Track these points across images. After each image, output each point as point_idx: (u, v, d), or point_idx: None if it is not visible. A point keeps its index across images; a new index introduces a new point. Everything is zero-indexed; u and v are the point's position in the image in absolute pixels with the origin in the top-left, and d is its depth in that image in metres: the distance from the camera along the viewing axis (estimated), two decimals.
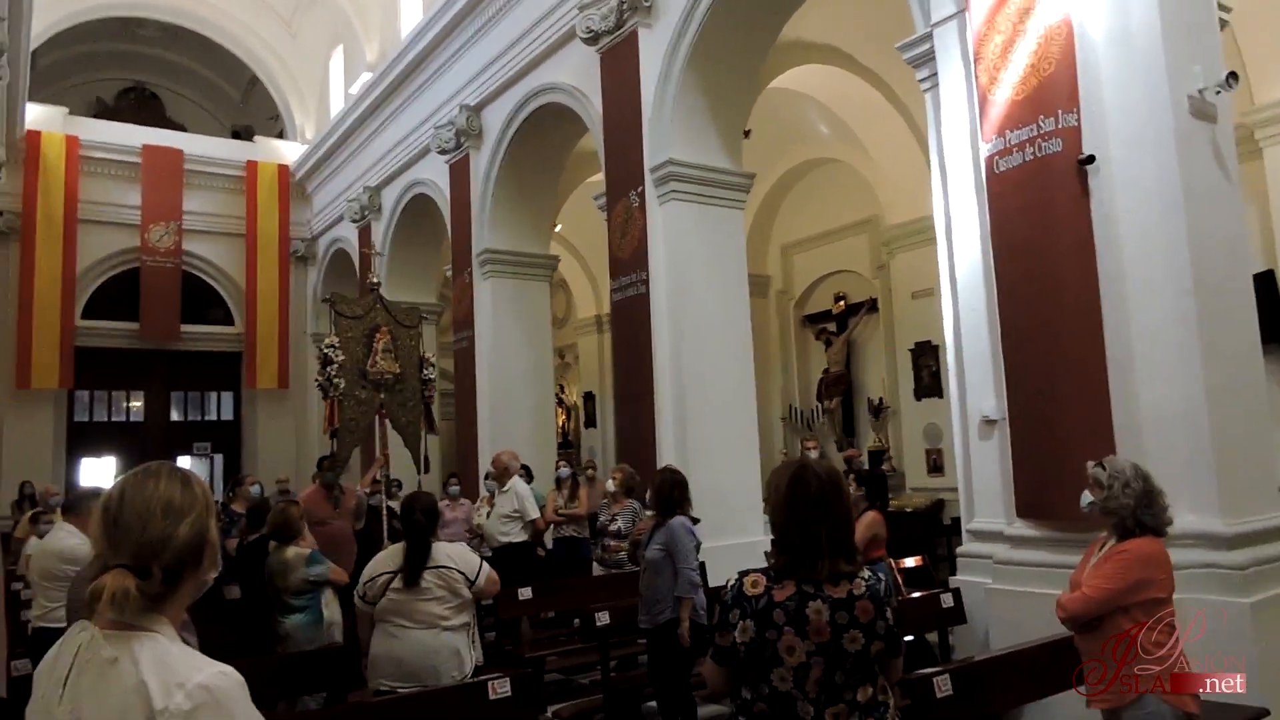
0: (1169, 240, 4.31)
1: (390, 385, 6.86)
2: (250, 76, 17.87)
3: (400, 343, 7.01)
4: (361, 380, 6.68)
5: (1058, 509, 4.54)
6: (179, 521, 1.37)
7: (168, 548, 1.35)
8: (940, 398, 10.18)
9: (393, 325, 6.98)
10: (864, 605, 2.06)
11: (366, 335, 6.78)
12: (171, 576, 1.36)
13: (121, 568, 1.32)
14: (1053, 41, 4.62)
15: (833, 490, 2.12)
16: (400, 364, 6.93)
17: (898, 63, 9.35)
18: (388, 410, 6.88)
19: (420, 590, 3.65)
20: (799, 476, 2.14)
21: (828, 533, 2.08)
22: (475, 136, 10.58)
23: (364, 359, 6.73)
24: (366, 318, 6.85)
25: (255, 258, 15.99)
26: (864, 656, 2.06)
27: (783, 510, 2.14)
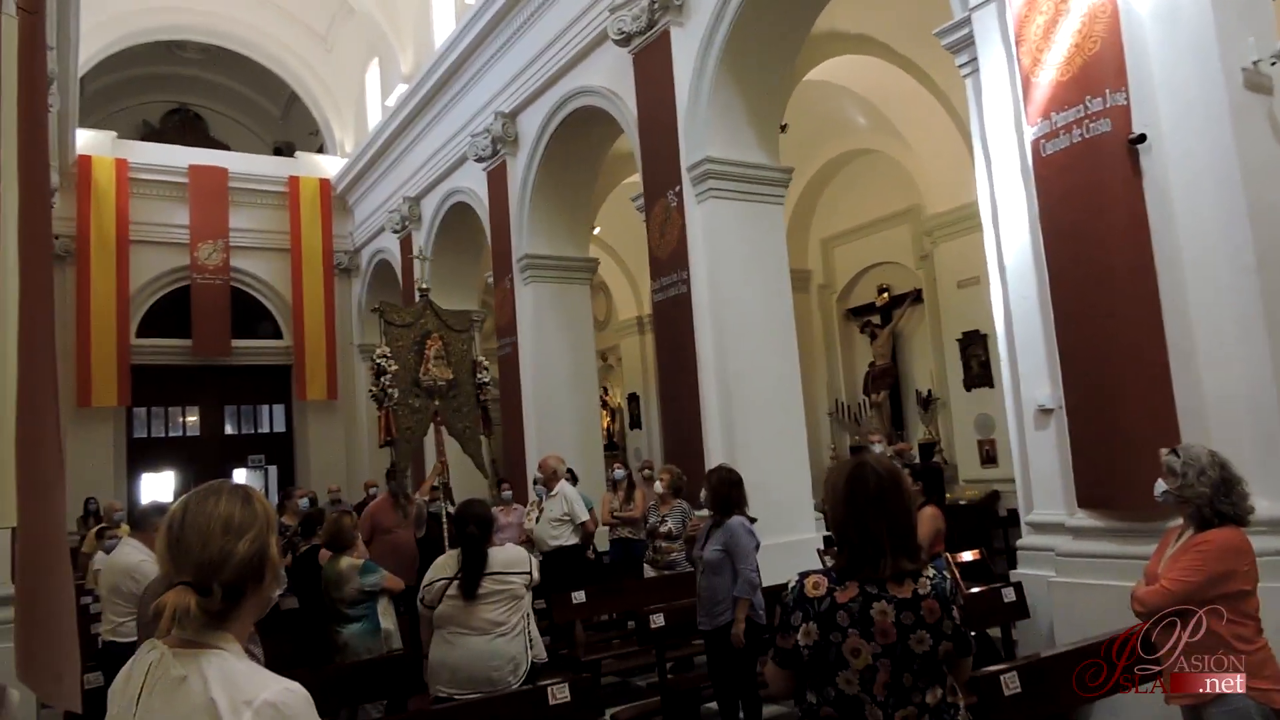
0: (1228, 217, 4.18)
1: (444, 392, 6.68)
2: (289, 93, 18.22)
3: (452, 348, 6.83)
4: (415, 388, 6.54)
5: (1121, 499, 4.43)
6: (239, 538, 1.39)
7: (228, 565, 1.37)
8: (991, 387, 10.00)
9: (443, 330, 6.81)
10: (930, 605, 2.03)
11: (417, 342, 6.62)
12: (233, 593, 1.38)
13: (183, 585, 1.35)
14: (1097, 20, 4.50)
15: (892, 486, 2.08)
16: (453, 369, 6.76)
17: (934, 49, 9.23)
18: (443, 417, 6.72)
19: (477, 598, 3.67)
20: (856, 474, 2.11)
21: (889, 530, 2.04)
22: (511, 143, 10.64)
23: (416, 366, 6.58)
24: (416, 325, 6.68)
25: (300, 271, 16.27)
26: (932, 657, 2.02)
27: (841, 509, 2.11)
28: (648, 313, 15.26)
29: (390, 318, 6.57)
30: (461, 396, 6.78)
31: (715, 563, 4.38)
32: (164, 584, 1.39)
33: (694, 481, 7.59)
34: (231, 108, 19.97)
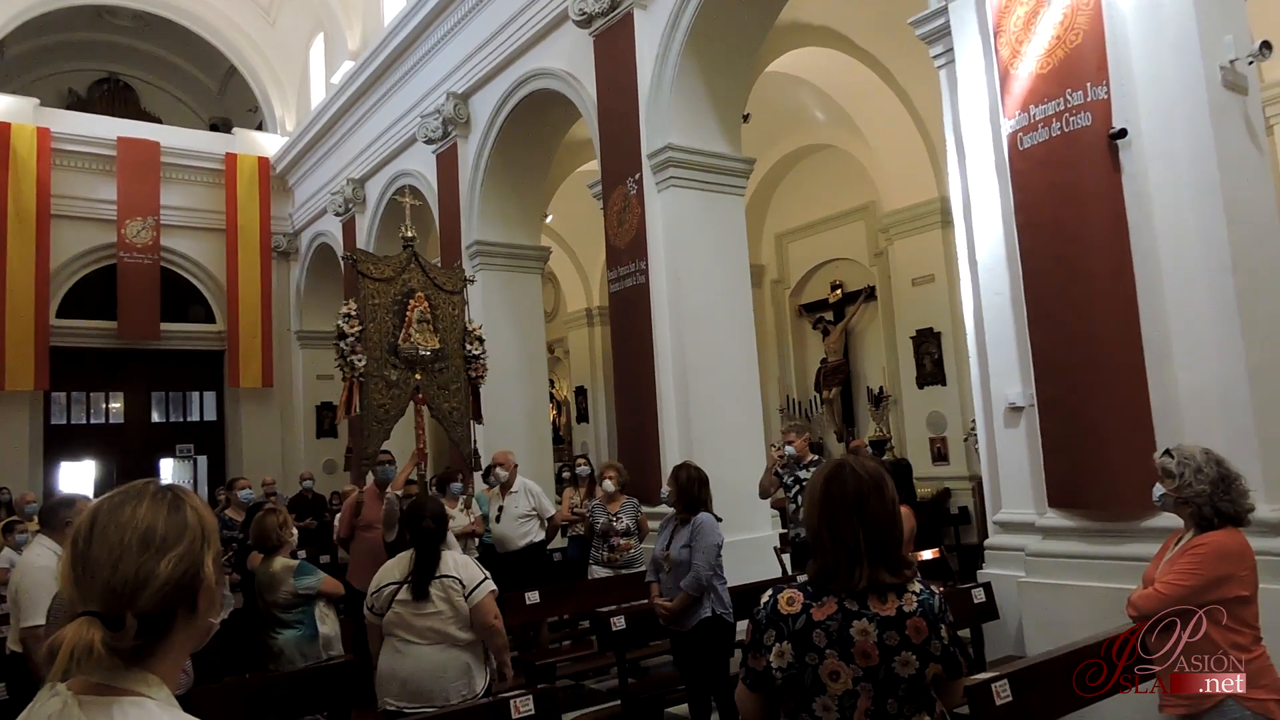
0: (1205, 216, 4.14)
1: (428, 363, 5.50)
2: (228, 67, 17.45)
3: (440, 311, 5.63)
4: (392, 357, 5.34)
5: (1093, 498, 4.38)
6: (161, 556, 1.09)
7: (145, 590, 1.07)
8: (944, 385, 10.04)
9: (430, 290, 5.60)
10: (916, 623, 1.85)
11: (398, 302, 5.42)
12: (153, 625, 1.08)
13: (88, 615, 1.05)
14: (1079, 12, 4.43)
15: (873, 490, 1.90)
16: (440, 338, 5.57)
17: (897, 45, 9.26)
18: (425, 394, 5.51)
19: (428, 603, 3.42)
20: (834, 475, 1.93)
21: (866, 538, 1.86)
22: (463, 125, 10.30)
23: (395, 331, 5.37)
24: (398, 280, 5.45)
25: (236, 253, 15.61)
26: (919, 681, 1.85)
27: (815, 513, 1.93)
28: (598, 304, 15.05)
29: (365, 269, 5.38)
30: (450, 371, 5.66)
31: (686, 562, 4.23)
32: (69, 612, 1.08)
33: (650, 476, 7.43)
34: (165, 80, 19.06)
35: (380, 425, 5.27)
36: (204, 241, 15.70)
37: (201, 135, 16.66)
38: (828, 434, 12.00)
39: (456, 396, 5.70)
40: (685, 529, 4.32)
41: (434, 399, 5.57)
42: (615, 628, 4.59)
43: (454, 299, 5.78)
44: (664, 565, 4.35)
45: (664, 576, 4.35)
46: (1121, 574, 4.05)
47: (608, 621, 4.63)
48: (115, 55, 18.19)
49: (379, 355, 5.26)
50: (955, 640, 1.91)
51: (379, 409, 5.26)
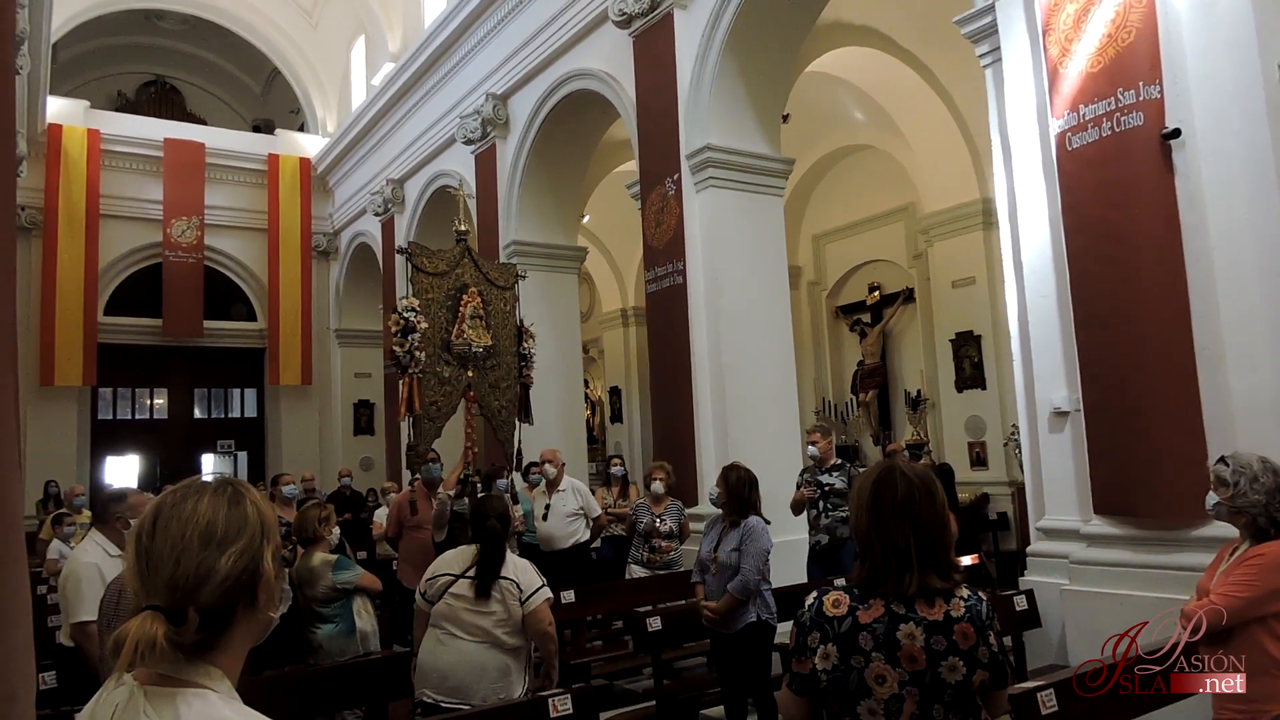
0: (1261, 217, 4.03)
1: (480, 360, 5.30)
2: (271, 69, 17.76)
3: (492, 307, 5.44)
4: (445, 353, 5.16)
5: (1141, 506, 4.29)
6: (222, 552, 1.12)
7: (206, 586, 1.10)
8: (983, 389, 9.89)
9: (483, 285, 5.41)
10: (964, 629, 1.83)
11: (451, 297, 5.25)
12: (215, 620, 1.11)
13: (152, 610, 1.07)
14: (1132, 9, 4.33)
15: (923, 494, 1.89)
16: (492, 334, 5.38)
17: (938, 45, 9.15)
18: (476, 392, 5.32)
19: (483, 601, 3.42)
20: (884, 479, 1.91)
21: (916, 542, 1.85)
22: (502, 126, 10.36)
23: (448, 327, 5.20)
24: (451, 275, 5.28)
25: (277, 252, 15.87)
26: (965, 688, 1.82)
27: (865, 517, 1.91)
28: (633, 305, 15.06)
29: (420, 263, 5.20)
30: (501, 369, 5.46)
31: (733, 565, 4.19)
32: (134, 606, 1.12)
33: (685, 477, 7.41)
34: (210, 82, 19.44)
35: (432, 423, 5.11)
36: (246, 241, 15.98)
37: (245, 136, 16.97)
38: (864, 437, 11.89)
39: (506, 395, 5.53)
40: (734, 532, 4.28)
41: (484, 397, 5.40)
42: (651, 628, 4.58)
43: (506, 295, 5.63)
44: (710, 567, 4.32)
45: (709, 578, 4.32)
46: (1170, 584, 3.96)
47: (644, 622, 4.62)
48: (162, 58, 18.59)
49: (432, 351, 5.10)
50: (1002, 649, 1.89)
51: (431, 406, 5.09)
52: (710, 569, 4.31)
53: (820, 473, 6.14)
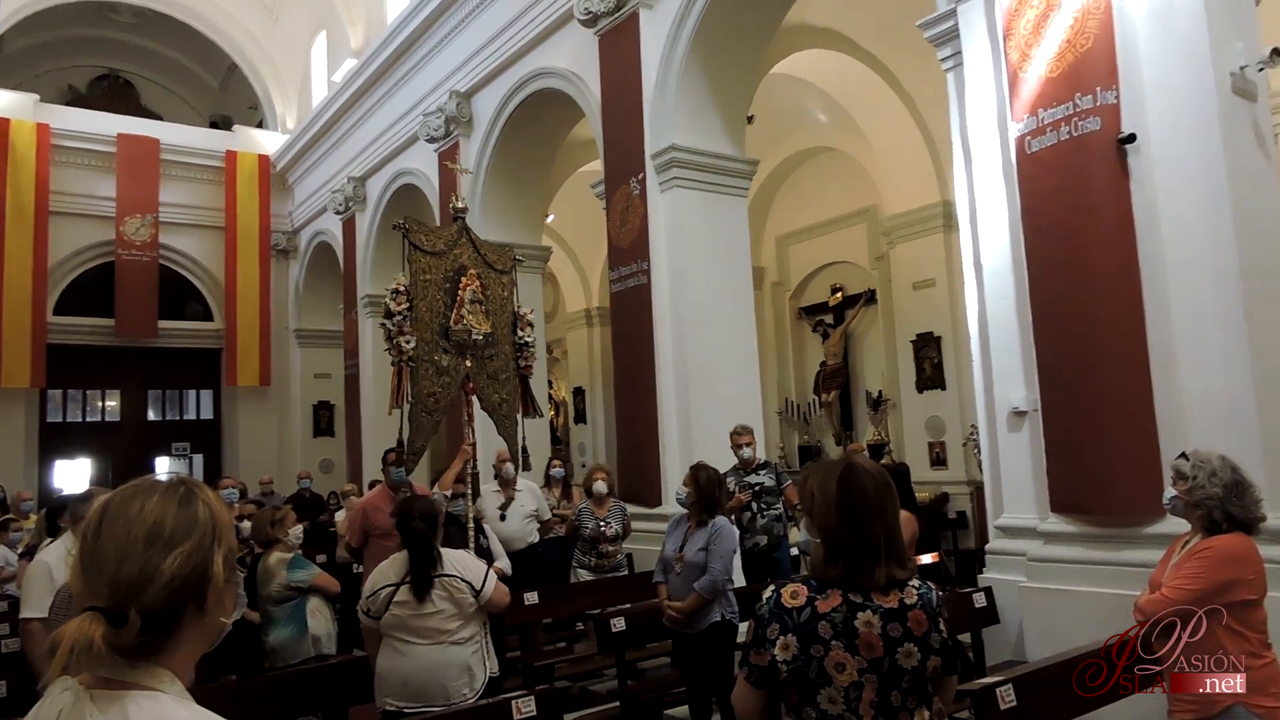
0: (1214, 223, 4.12)
1: (479, 349, 4.91)
2: (229, 64, 17.43)
3: (490, 292, 5.05)
4: (443, 340, 4.75)
5: (1097, 504, 4.36)
6: (168, 552, 1.07)
7: (150, 587, 1.05)
8: (943, 390, 10.02)
9: (482, 268, 5.02)
10: (917, 615, 1.89)
11: (449, 279, 4.84)
12: (160, 622, 1.06)
13: (92, 611, 1.03)
14: (1090, 16, 4.41)
15: (887, 488, 1.96)
16: (491, 321, 5.01)
17: (901, 49, 9.25)
18: (475, 383, 4.93)
19: (426, 603, 3.39)
20: (850, 478, 1.94)
21: (887, 536, 1.91)
22: (465, 124, 10.28)
23: (446, 311, 4.78)
24: (449, 255, 4.87)
25: (235, 251, 15.57)
26: (920, 674, 1.88)
27: (834, 514, 1.93)
28: (597, 305, 15.02)
29: (418, 240, 4.80)
30: (500, 359, 5.11)
31: (700, 565, 4.19)
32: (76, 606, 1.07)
33: (649, 478, 7.41)
34: (165, 76, 19.02)
35: (430, 416, 4.69)
36: (203, 239, 15.66)
37: (201, 132, 16.63)
38: (826, 437, 11.99)
39: (505, 387, 5.16)
40: (702, 531, 4.28)
41: (483, 389, 5.00)
42: (615, 629, 4.56)
43: (503, 279, 5.26)
44: (675, 566, 4.31)
45: (674, 578, 4.32)
46: (1124, 580, 4.03)
47: (608, 623, 4.60)
48: (116, 51, 18.15)
49: (429, 338, 4.69)
50: (951, 636, 1.95)
51: (428, 398, 4.66)
52: (675, 568, 4.30)
53: (747, 474, 6.20)
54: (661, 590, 4.37)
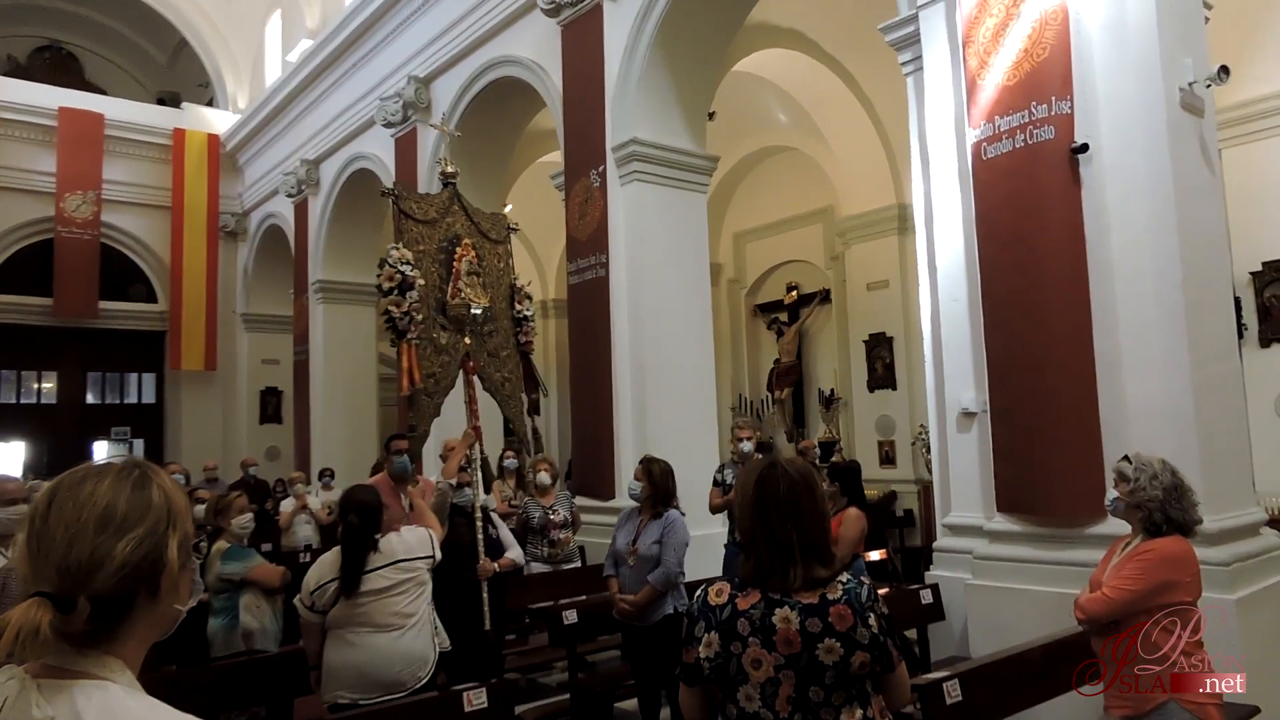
0: (1159, 233, 4.24)
1: (478, 326, 4.59)
2: (178, 39, 16.94)
3: (486, 264, 4.72)
4: (440, 316, 4.43)
5: (1041, 504, 4.47)
6: (119, 537, 1.03)
7: (100, 572, 1.01)
8: (894, 390, 10.18)
9: (476, 238, 4.70)
10: (840, 610, 1.84)
11: (444, 249, 4.51)
12: (110, 609, 1.03)
13: (40, 596, 0.99)
14: (1048, 27, 4.50)
15: (804, 489, 1.92)
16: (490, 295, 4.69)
17: (862, 52, 9.35)
18: (475, 361, 4.63)
19: (380, 591, 3.36)
20: (767, 475, 1.94)
21: (799, 537, 1.87)
22: (424, 110, 10.14)
23: (441, 284, 4.47)
24: (441, 223, 4.55)
25: (181, 232, 15.17)
26: (844, 669, 1.83)
27: (749, 514, 1.94)
28: (553, 297, 14.95)
29: (409, 207, 4.45)
30: (499, 334, 4.80)
31: (654, 558, 4.21)
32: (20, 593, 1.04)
33: (604, 471, 7.41)
34: (111, 50, 18.43)
35: (431, 399, 4.37)
36: (148, 218, 15.23)
37: (148, 109, 16.13)
38: (779, 434, 12.09)
39: (507, 365, 4.83)
40: (655, 523, 4.30)
41: (484, 367, 4.68)
42: (567, 621, 4.55)
43: (499, 249, 4.92)
44: (628, 559, 4.31)
45: (626, 570, 4.32)
46: (1066, 578, 4.13)
47: (560, 615, 4.59)
48: (58, 22, 17.54)
49: (427, 314, 4.35)
50: (888, 631, 1.89)
51: (429, 379, 4.34)
52: (628, 561, 4.31)
53: None
54: (613, 584, 4.37)
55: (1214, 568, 3.95)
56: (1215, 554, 3.96)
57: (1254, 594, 4.01)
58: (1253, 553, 4.19)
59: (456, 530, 4.40)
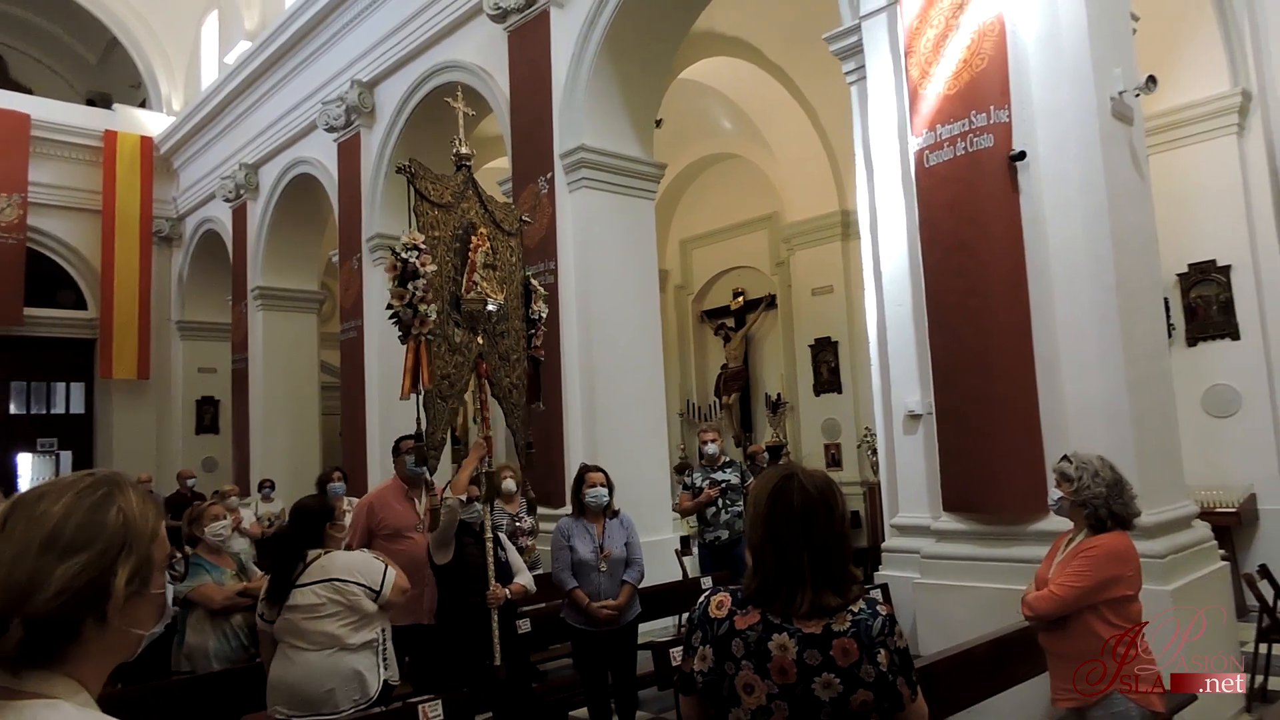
0: (1094, 238, 4.39)
1: (491, 324, 4.19)
2: (109, 39, 16.42)
3: (500, 257, 4.32)
4: (455, 313, 4.04)
5: (986, 502, 4.58)
6: (61, 561, 0.99)
7: (36, 595, 0.97)
8: (839, 393, 10.33)
9: (490, 228, 4.30)
10: (845, 644, 1.70)
11: (459, 237, 4.12)
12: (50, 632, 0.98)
13: None
14: (986, 38, 4.63)
15: (821, 506, 1.76)
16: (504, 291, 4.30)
17: (805, 61, 9.50)
18: (489, 363, 4.22)
19: (310, 608, 3.29)
20: (781, 488, 1.78)
21: (810, 558, 1.72)
22: (367, 114, 10.00)
23: (456, 277, 4.09)
24: (456, 209, 4.16)
25: (113, 237, 14.69)
26: (842, 707, 1.68)
27: (758, 529, 1.79)
28: None
29: (425, 188, 4.02)
30: (511, 336, 4.41)
31: (624, 559, 4.38)
32: None
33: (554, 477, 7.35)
34: (38, 48, 17.79)
35: (445, 403, 3.97)
36: (77, 223, 14.72)
37: (78, 110, 15.60)
38: (726, 439, 12.17)
39: (516, 370, 4.42)
40: (616, 526, 4.43)
41: (495, 370, 4.25)
42: (521, 630, 4.51)
43: (511, 242, 4.52)
44: (598, 566, 4.33)
45: (599, 576, 4.33)
46: (1010, 575, 4.24)
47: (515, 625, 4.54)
48: None
49: (442, 308, 3.93)
50: (901, 669, 1.73)
51: (443, 381, 3.94)
52: (599, 567, 4.34)
53: (713, 470, 6.37)
54: (580, 595, 4.30)
55: (1150, 560, 4.08)
56: (1151, 546, 4.10)
57: (1188, 584, 4.16)
58: (1186, 544, 4.36)
59: (465, 552, 4.05)
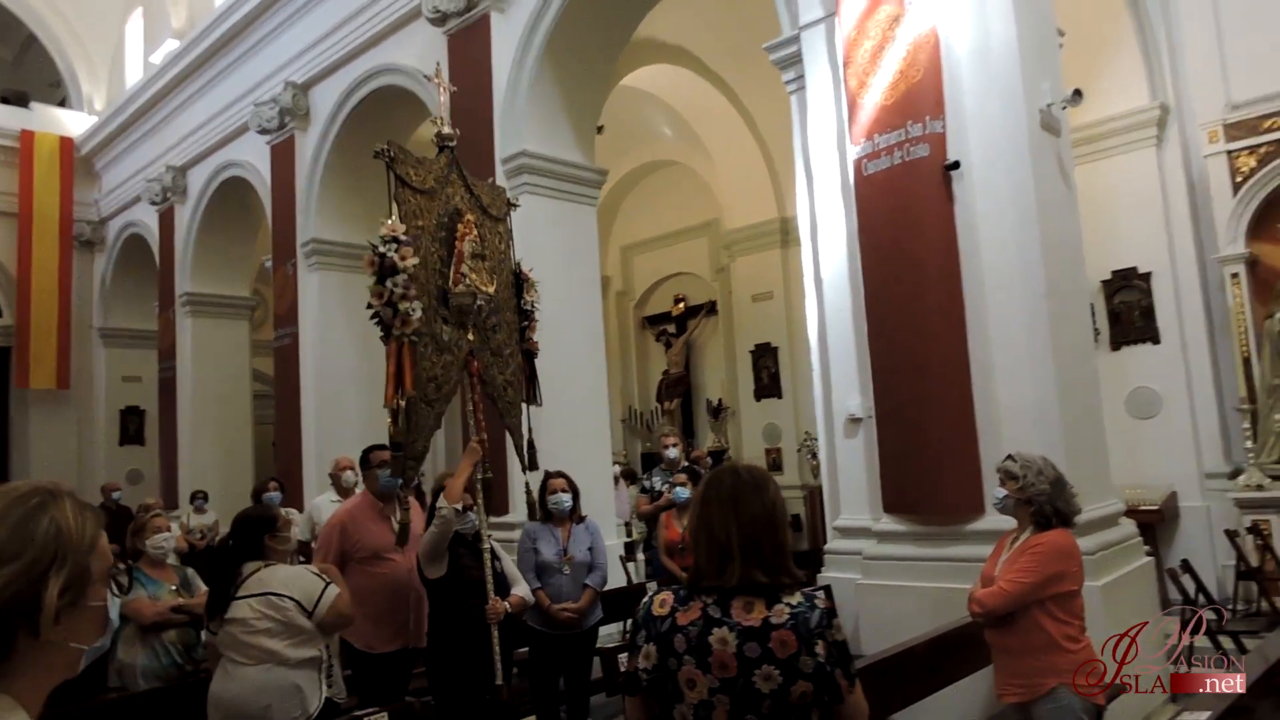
0: (1024, 245, 4.54)
1: (481, 318, 3.87)
2: (26, 35, 15.76)
3: (488, 245, 3.98)
4: (442, 308, 3.71)
5: (925, 504, 4.69)
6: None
7: None
8: (779, 398, 10.47)
9: (478, 214, 3.98)
10: (783, 636, 1.73)
11: (444, 225, 3.78)
12: None
13: None
14: (920, 50, 4.76)
15: (750, 489, 1.83)
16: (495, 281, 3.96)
17: (744, 70, 9.62)
18: (479, 361, 3.89)
19: (245, 622, 3.20)
20: (715, 475, 1.92)
21: (740, 534, 1.79)
22: (302, 117, 9.78)
23: (443, 269, 3.74)
24: (440, 195, 3.83)
25: (30, 240, 14.07)
26: (782, 699, 1.72)
27: (694, 514, 1.89)
28: None
29: (405, 173, 3.68)
30: (503, 330, 4.06)
31: (588, 563, 4.44)
32: None
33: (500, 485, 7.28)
34: None
35: (431, 408, 3.64)
36: None
37: None
38: None
39: (510, 366, 4.10)
40: (581, 530, 4.49)
41: (488, 368, 3.94)
42: None
43: (499, 229, 4.19)
44: (560, 569, 4.36)
45: (562, 579, 4.36)
46: (950, 574, 4.34)
47: None
48: None
49: (428, 304, 3.59)
50: (839, 661, 1.77)
51: (428, 383, 3.62)
52: (562, 570, 4.37)
53: (672, 474, 6.43)
54: (541, 595, 4.30)
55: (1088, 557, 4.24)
56: (1082, 543, 4.17)
57: (1116, 579, 4.33)
58: (1114, 541, 4.53)
59: (460, 564, 3.80)
